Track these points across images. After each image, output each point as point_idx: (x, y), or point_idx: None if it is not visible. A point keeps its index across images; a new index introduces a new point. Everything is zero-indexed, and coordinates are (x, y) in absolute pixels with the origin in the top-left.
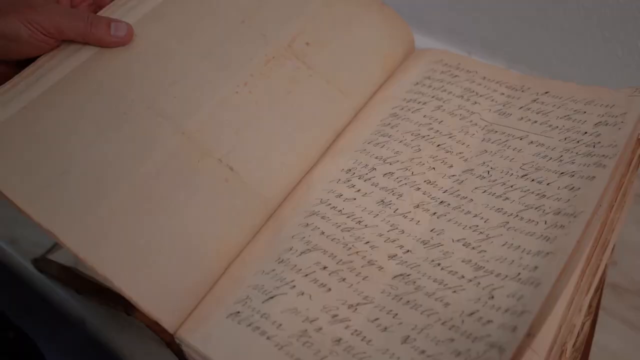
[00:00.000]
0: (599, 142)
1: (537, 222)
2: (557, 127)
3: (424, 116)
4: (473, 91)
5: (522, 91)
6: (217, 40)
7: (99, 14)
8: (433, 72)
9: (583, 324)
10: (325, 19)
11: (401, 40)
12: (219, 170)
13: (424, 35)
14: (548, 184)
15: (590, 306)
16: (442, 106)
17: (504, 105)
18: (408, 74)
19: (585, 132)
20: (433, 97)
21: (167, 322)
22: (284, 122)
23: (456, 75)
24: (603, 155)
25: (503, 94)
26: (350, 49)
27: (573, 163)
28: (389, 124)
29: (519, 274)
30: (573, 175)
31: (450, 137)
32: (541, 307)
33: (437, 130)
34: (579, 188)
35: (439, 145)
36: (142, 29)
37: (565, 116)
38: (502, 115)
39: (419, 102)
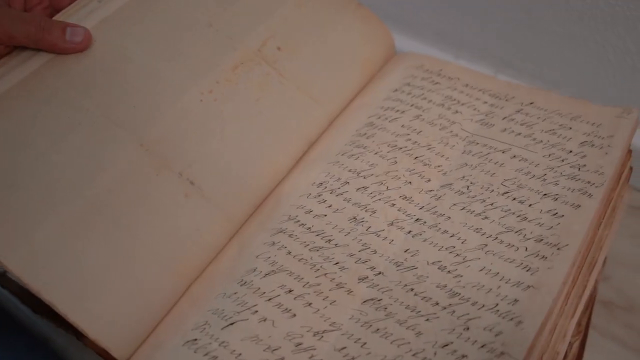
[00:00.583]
0: (584, 165)
1: (518, 248)
2: (542, 141)
3: (402, 126)
4: (455, 99)
5: (506, 100)
6: (182, 45)
7: (55, 18)
8: (413, 79)
9: (572, 344)
10: (298, 22)
11: (380, 43)
12: (178, 185)
13: (412, 38)
14: (530, 205)
15: (579, 325)
16: (421, 115)
17: (486, 115)
18: (387, 79)
19: (570, 151)
20: (412, 105)
21: (117, 350)
22: (251, 132)
23: (437, 83)
24: (589, 182)
25: (486, 102)
26: (324, 54)
27: (557, 185)
28: (365, 133)
29: (497, 304)
30: (556, 199)
31: (429, 149)
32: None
33: (415, 142)
34: (563, 216)
35: (416, 157)
36: (102, 34)
37: (550, 130)
38: (485, 126)
39: (397, 111)
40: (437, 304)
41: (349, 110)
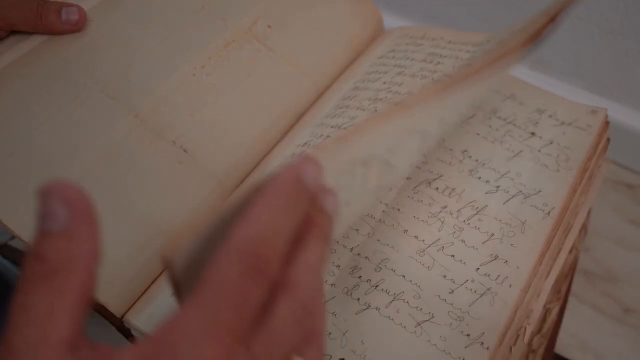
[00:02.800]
0: None
1: None
2: None
3: (384, 82)
4: (437, 54)
5: (488, 42)
6: (175, 26)
7: None
8: (397, 45)
9: (550, 309)
10: (288, 1)
11: (368, 21)
12: (172, 152)
13: (402, 19)
14: None
15: (558, 292)
16: (403, 71)
17: (468, 60)
18: (373, 51)
19: None
20: (395, 65)
21: (114, 305)
22: (242, 103)
23: (420, 44)
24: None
25: (468, 51)
26: (314, 31)
27: None
28: (349, 96)
29: None
30: None
31: (409, 94)
32: None
33: (396, 92)
34: None
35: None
36: (98, 15)
37: None
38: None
39: (380, 72)
40: None
41: (337, 82)
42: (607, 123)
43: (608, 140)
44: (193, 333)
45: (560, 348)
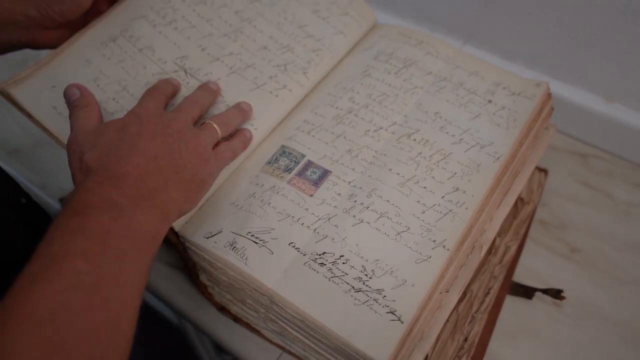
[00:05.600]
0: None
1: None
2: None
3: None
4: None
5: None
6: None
7: None
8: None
9: (510, 247)
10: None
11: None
12: None
13: (393, 15)
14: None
15: (517, 233)
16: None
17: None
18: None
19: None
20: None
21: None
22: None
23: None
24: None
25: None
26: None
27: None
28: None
29: None
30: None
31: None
32: None
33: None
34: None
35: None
36: None
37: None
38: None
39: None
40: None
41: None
42: (549, 94)
43: (552, 108)
44: (141, 102)
45: (518, 278)
